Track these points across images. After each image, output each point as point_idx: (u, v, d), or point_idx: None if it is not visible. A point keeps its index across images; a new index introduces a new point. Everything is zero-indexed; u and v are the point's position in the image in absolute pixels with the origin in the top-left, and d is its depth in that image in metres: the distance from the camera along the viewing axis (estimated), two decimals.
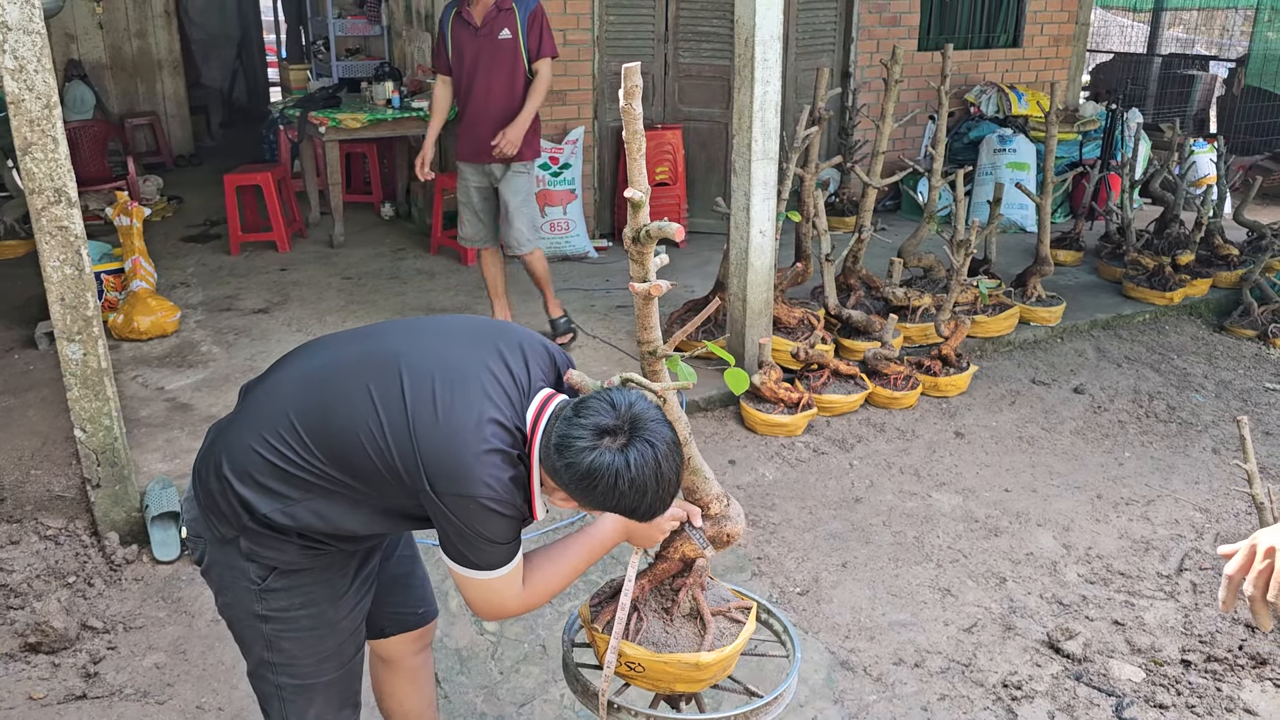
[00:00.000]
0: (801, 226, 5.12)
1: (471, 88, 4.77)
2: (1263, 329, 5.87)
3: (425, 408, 1.76)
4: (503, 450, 1.74)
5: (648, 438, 1.70)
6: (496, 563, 1.79)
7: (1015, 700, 2.99)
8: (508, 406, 1.78)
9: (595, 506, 1.75)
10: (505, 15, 4.68)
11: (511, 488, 1.74)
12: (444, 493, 1.72)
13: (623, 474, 1.67)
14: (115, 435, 3.47)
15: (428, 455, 1.73)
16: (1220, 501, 4.16)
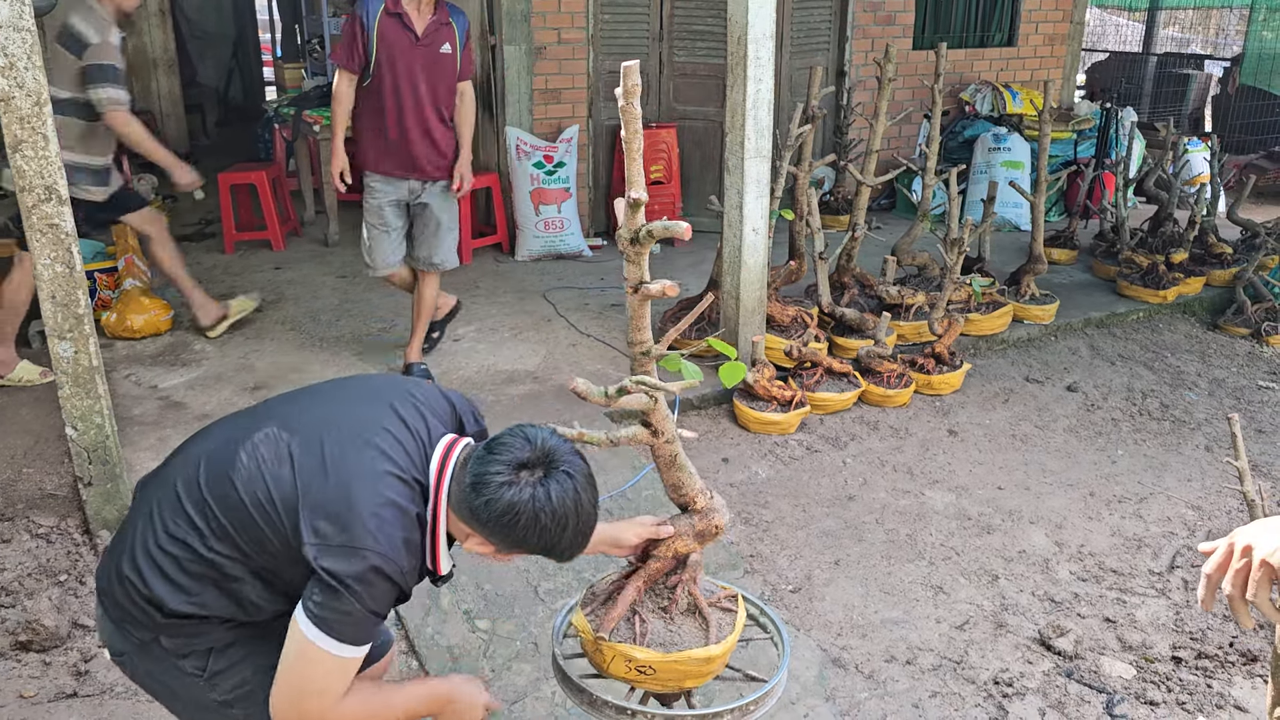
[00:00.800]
0: (795, 225, 5.13)
1: (402, 98, 4.33)
2: (1256, 327, 5.87)
3: (315, 469, 1.71)
4: (399, 505, 1.70)
5: (565, 469, 1.70)
6: (346, 637, 1.68)
7: (1006, 697, 2.99)
8: (405, 459, 1.75)
9: (514, 546, 1.72)
10: (446, 29, 4.37)
11: (402, 551, 1.69)
12: (330, 544, 1.66)
13: (543, 507, 1.66)
14: (107, 433, 3.46)
15: (315, 510, 1.68)
16: (1213, 499, 4.17)
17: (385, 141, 4.37)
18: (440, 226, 4.61)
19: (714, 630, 2.04)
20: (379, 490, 1.70)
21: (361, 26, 4.24)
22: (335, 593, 1.67)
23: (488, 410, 4.46)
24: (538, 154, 6.57)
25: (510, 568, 3.42)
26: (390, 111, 4.34)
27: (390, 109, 4.34)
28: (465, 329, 5.43)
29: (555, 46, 6.68)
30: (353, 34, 4.25)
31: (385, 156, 4.40)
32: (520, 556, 1.80)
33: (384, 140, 4.37)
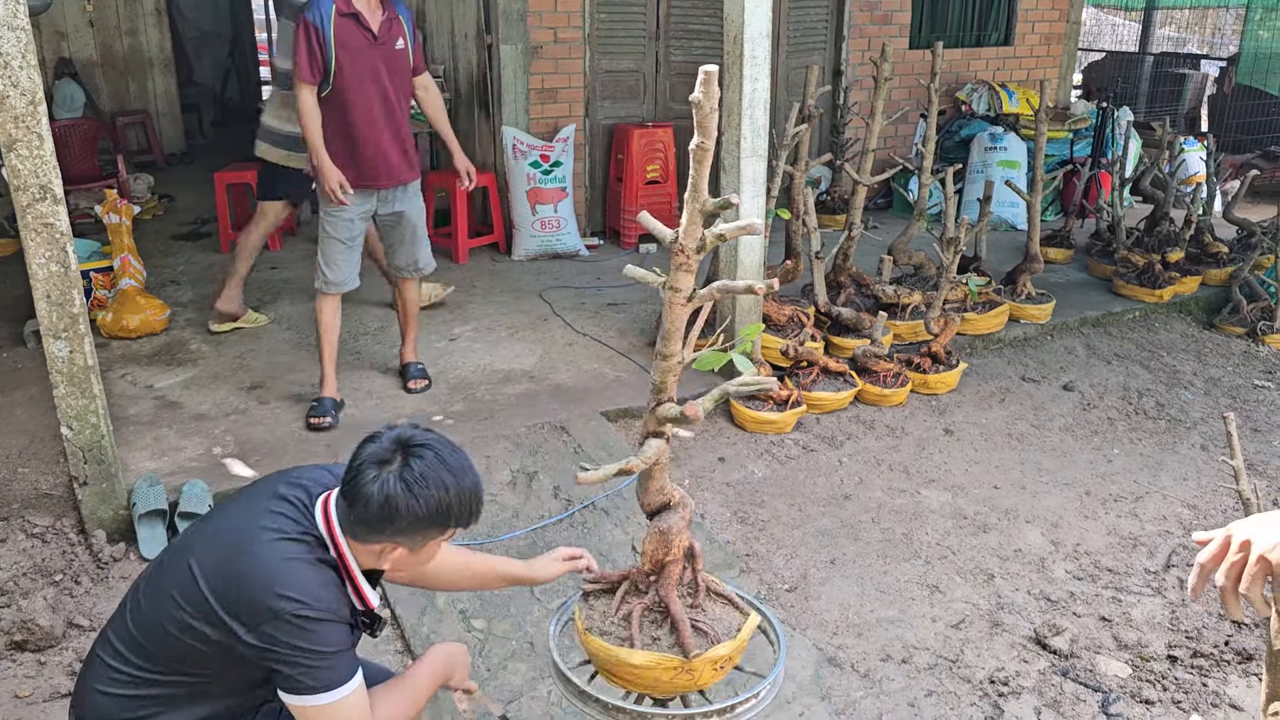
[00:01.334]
0: (791, 224, 5.13)
1: (370, 103, 4.12)
2: (1252, 326, 5.88)
3: (215, 570, 1.80)
4: (300, 558, 1.80)
5: (419, 444, 1.81)
6: (335, 680, 1.78)
7: (1002, 696, 2.99)
8: (292, 525, 1.84)
9: (414, 533, 1.81)
10: (397, 24, 4.15)
11: (321, 592, 1.78)
12: (257, 624, 1.74)
13: (414, 485, 1.77)
14: (102, 433, 3.46)
15: (232, 603, 1.76)
16: (1208, 498, 4.17)
17: (357, 152, 4.13)
18: (418, 230, 4.47)
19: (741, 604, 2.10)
20: (276, 557, 1.79)
21: (317, 32, 3.97)
22: (296, 655, 1.76)
23: (485, 410, 4.46)
24: (534, 153, 6.56)
25: None
26: (360, 119, 4.11)
27: (359, 117, 4.11)
28: (462, 328, 5.43)
29: (551, 46, 6.68)
30: (309, 41, 3.97)
31: (358, 168, 4.15)
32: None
33: (355, 151, 4.13)
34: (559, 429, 4.27)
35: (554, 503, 3.80)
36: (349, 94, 4.07)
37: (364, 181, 4.18)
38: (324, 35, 3.97)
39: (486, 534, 3.59)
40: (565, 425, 4.29)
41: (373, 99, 4.12)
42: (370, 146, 4.15)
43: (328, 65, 4.01)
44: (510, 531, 3.61)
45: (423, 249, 4.53)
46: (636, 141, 6.72)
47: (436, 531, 1.85)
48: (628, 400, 4.58)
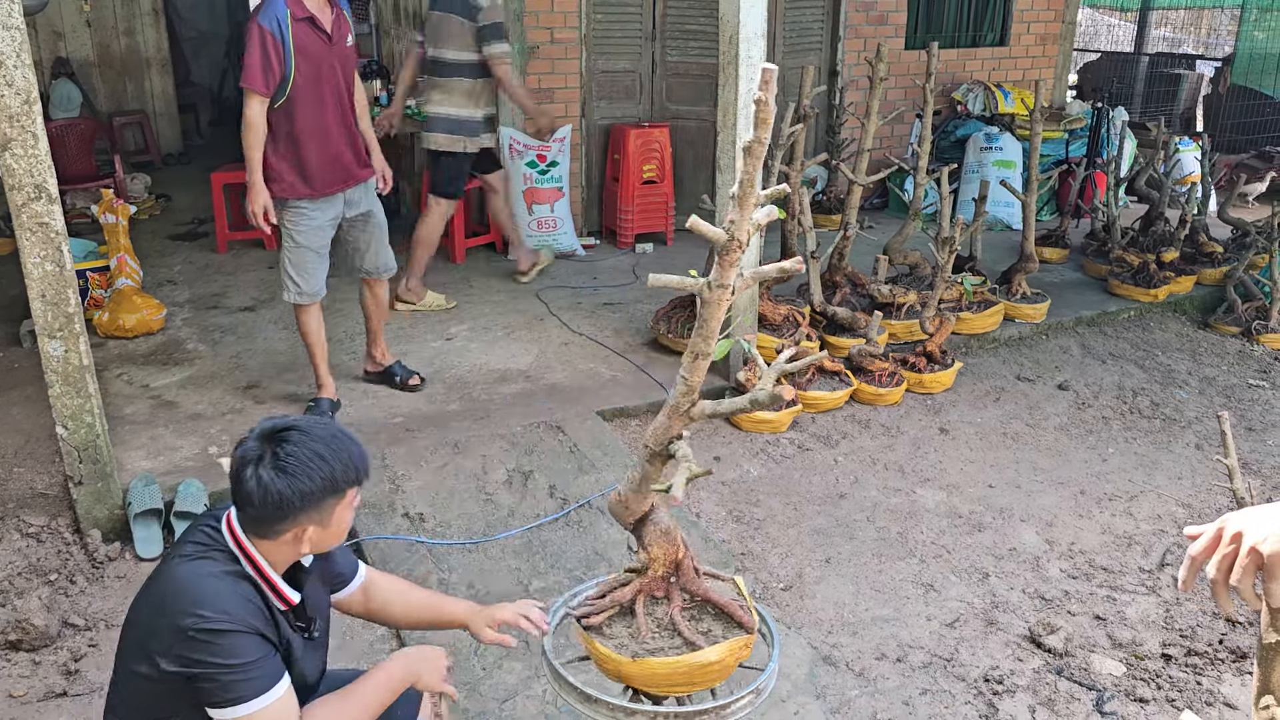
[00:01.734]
0: (787, 224, 5.13)
1: (327, 108, 3.97)
2: (1246, 325, 5.90)
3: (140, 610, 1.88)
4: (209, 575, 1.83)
5: (283, 426, 1.88)
6: (253, 691, 1.80)
7: (997, 695, 3.00)
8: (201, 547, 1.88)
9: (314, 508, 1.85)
10: (343, 20, 4.04)
11: (228, 606, 1.80)
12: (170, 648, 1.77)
13: (290, 468, 1.82)
14: (97, 432, 3.46)
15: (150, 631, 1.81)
16: (1203, 497, 4.18)
17: (320, 159, 3.99)
18: (382, 229, 4.38)
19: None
20: (185, 577, 1.83)
21: (274, 40, 3.77)
22: (212, 671, 1.77)
23: (481, 409, 4.46)
24: (531, 153, 6.57)
25: (502, 566, 3.42)
26: (318, 126, 3.96)
27: (317, 123, 3.95)
28: (458, 328, 5.43)
29: (548, 46, 6.69)
30: (264, 50, 3.76)
31: (321, 176, 4.01)
32: (508, 561, 1.85)
33: (317, 158, 3.98)
34: (555, 428, 4.27)
35: (550, 502, 3.80)
36: (306, 102, 3.92)
37: (330, 187, 4.07)
38: (283, 44, 3.79)
39: (483, 533, 3.59)
40: (561, 425, 4.30)
41: (330, 104, 4.00)
42: (332, 150, 4.03)
43: (286, 75, 3.84)
44: (506, 530, 3.62)
45: (386, 249, 4.44)
46: (633, 141, 6.72)
47: (334, 499, 1.88)
48: (623, 400, 4.58)
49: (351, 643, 3.14)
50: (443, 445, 4.10)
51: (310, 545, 1.92)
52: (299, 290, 4.18)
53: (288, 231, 4.10)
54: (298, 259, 4.13)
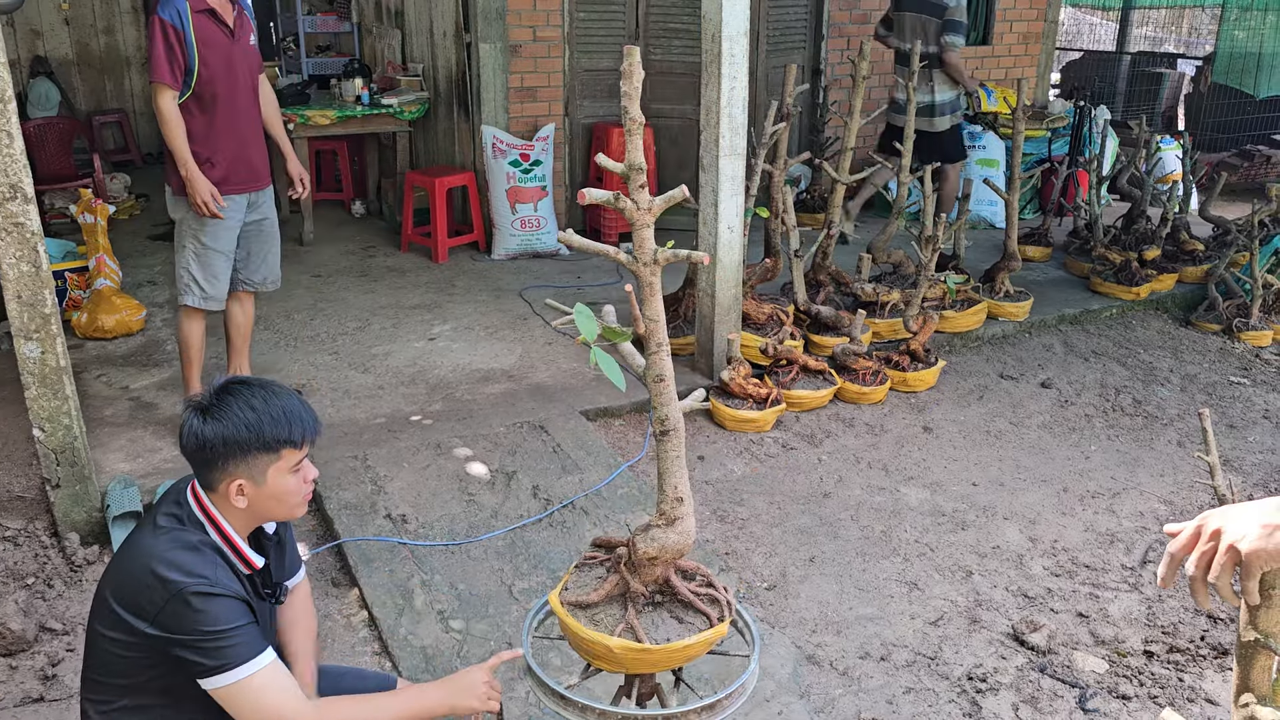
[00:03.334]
0: (770, 223, 5.13)
1: (236, 103, 3.90)
2: (1228, 323, 5.92)
3: (114, 580, 1.87)
4: (181, 545, 1.83)
5: (231, 382, 1.91)
6: (240, 656, 1.80)
7: (980, 693, 3.00)
8: (169, 518, 1.90)
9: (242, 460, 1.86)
10: (245, 18, 3.97)
11: (205, 570, 1.81)
12: (153, 614, 1.78)
13: (217, 415, 1.85)
14: (75, 434, 3.42)
15: (128, 598, 1.81)
16: (1185, 494, 4.20)
17: (231, 156, 3.92)
18: (277, 238, 4.25)
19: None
20: (159, 548, 1.83)
21: (176, 32, 3.70)
22: (196, 638, 1.78)
23: (464, 409, 4.44)
24: (514, 152, 6.55)
25: (485, 567, 3.40)
26: (226, 121, 3.89)
27: (225, 118, 3.89)
28: (441, 328, 5.41)
29: (530, 44, 6.66)
30: (167, 42, 3.70)
31: (230, 173, 3.93)
32: (490, 561, 1.83)
33: (229, 155, 3.91)
34: (538, 428, 4.26)
35: (533, 502, 3.79)
36: (214, 95, 3.84)
37: (239, 186, 3.97)
38: (184, 34, 3.73)
39: (465, 534, 3.57)
40: (544, 424, 4.28)
41: (238, 99, 3.92)
42: (240, 148, 3.95)
43: (190, 66, 3.75)
44: (489, 531, 3.60)
45: (277, 261, 4.29)
46: (616, 140, 6.71)
47: (264, 454, 1.88)
48: (607, 399, 4.57)
49: (333, 645, 3.12)
50: (425, 446, 4.08)
51: (248, 503, 1.91)
52: (204, 294, 4.02)
53: (193, 232, 3.94)
54: (206, 261, 3.98)
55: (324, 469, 3.88)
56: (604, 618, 2.03)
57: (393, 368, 4.87)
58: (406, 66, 7.41)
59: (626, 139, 1.87)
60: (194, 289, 4.02)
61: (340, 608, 3.30)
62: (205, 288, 4.02)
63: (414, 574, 3.35)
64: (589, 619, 2.02)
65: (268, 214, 4.16)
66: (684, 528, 2.00)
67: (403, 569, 3.38)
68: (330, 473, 3.85)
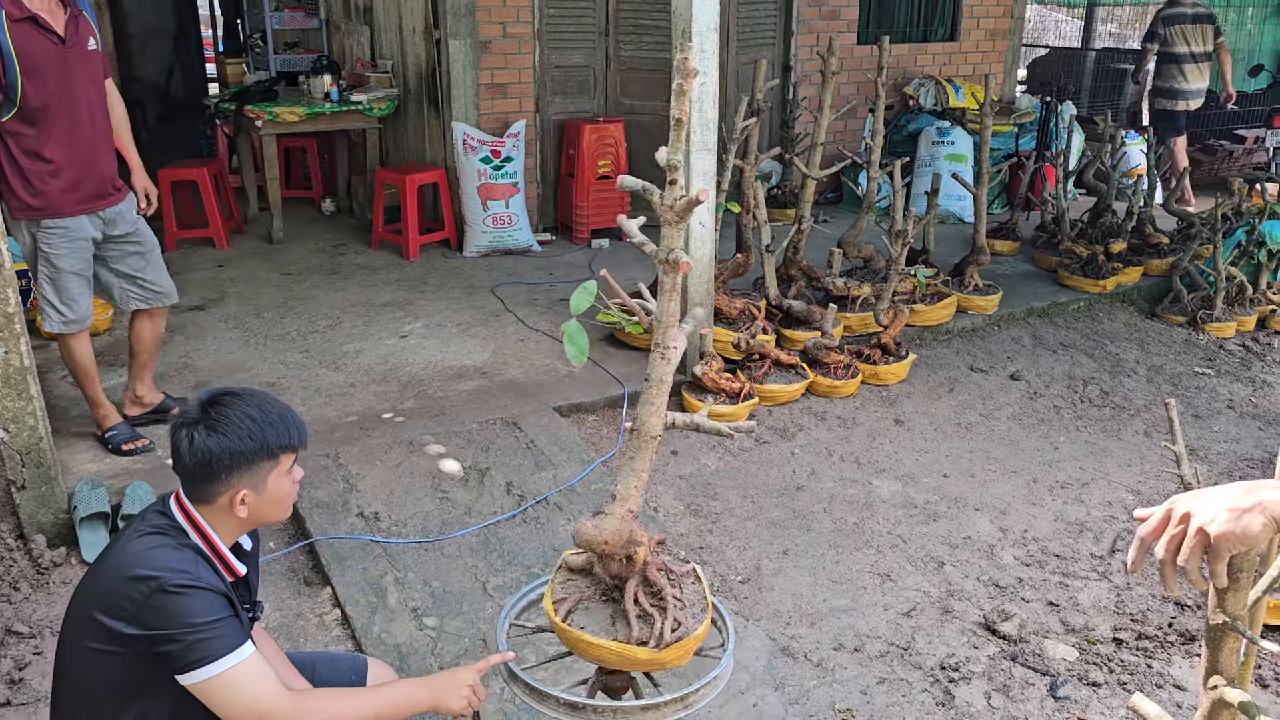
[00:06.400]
0: (742, 218, 5.14)
1: (75, 115, 3.61)
2: (1192, 315, 6.00)
3: (93, 590, 1.84)
4: (161, 546, 1.82)
5: (221, 392, 1.90)
6: (220, 649, 1.78)
7: (953, 682, 3.03)
8: (151, 525, 1.88)
9: (246, 470, 1.86)
10: (83, 23, 3.64)
11: (183, 565, 1.80)
12: (134, 612, 1.75)
13: (220, 427, 1.84)
14: (40, 435, 3.38)
15: (110, 604, 1.78)
16: (1151, 483, 4.26)
17: (73, 174, 3.64)
18: (155, 248, 4.01)
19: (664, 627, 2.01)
20: (139, 550, 1.82)
21: None
22: (176, 632, 1.75)
23: (436, 406, 4.42)
24: (485, 149, 6.52)
25: (459, 564, 3.39)
26: (62, 136, 3.59)
27: (61, 134, 3.59)
28: (412, 325, 5.38)
29: (501, 40, 6.64)
30: None
31: (75, 191, 3.65)
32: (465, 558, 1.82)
33: (71, 173, 3.63)
34: (511, 424, 4.25)
35: (506, 499, 3.78)
36: (48, 110, 3.54)
37: (86, 204, 3.70)
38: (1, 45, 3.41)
39: (439, 531, 3.56)
40: (518, 421, 4.27)
41: (76, 111, 3.62)
42: (84, 164, 3.67)
43: (10, 81, 3.44)
44: (463, 528, 3.59)
45: (163, 274, 4.04)
46: (588, 136, 6.70)
47: (267, 461, 1.88)
48: (580, 395, 4.56)
49: (306, 645, 3.10)
50: (397, 443, 4.06)
51: (249, 511, 1.90)
52: (64, 319, 3.79)
53: (45, 256, 3.71)
54: (62, 284, 3.75)
55: None
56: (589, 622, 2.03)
57: (364, 365, 4.84)
58: (376, 63, 7.36)
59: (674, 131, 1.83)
60: (51, 314, 3.79)
61: (312, 607, 3.28)
62: (64, 311, 3.79)
63: (387, 572, 3.34)
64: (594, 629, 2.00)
65: (133, 227, 3.89)
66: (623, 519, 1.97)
67: (375, 567, 3.36)
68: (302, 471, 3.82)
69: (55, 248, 3.70)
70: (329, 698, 1.98)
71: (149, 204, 4.08)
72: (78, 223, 3.71)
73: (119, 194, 3.86)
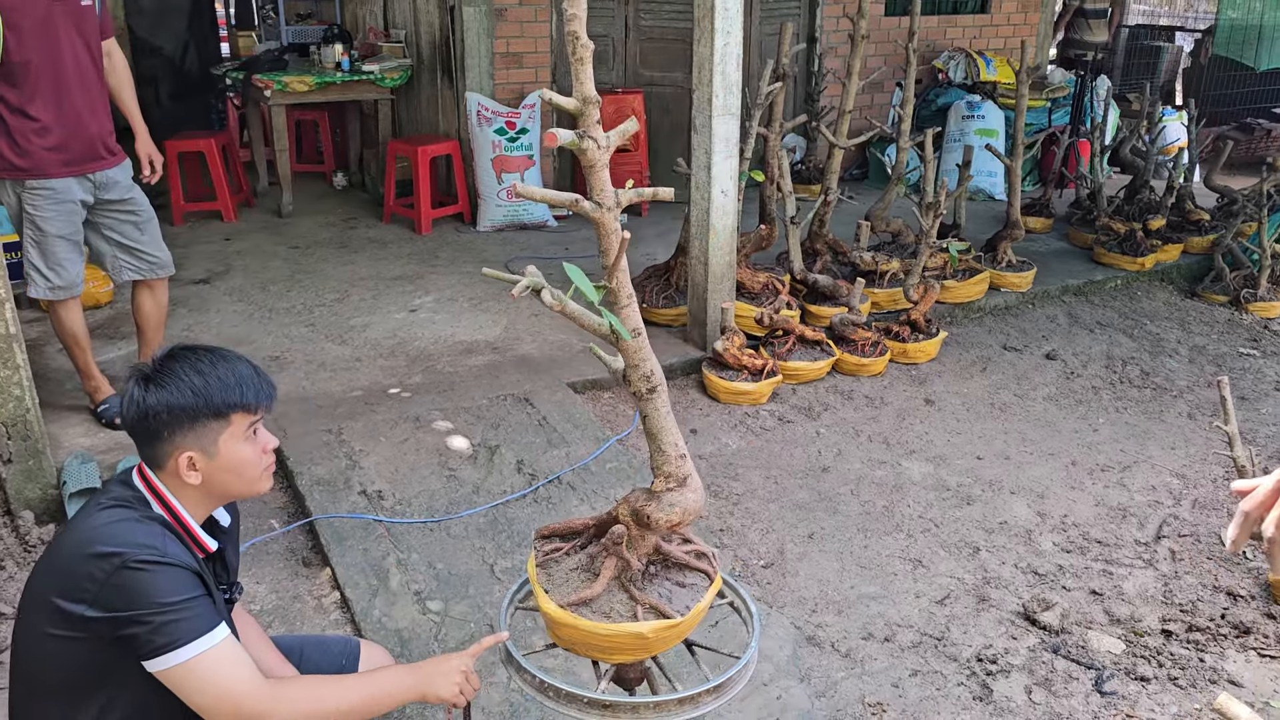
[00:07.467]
0: (765, 188, 4.93)
1: (62, 70, 3.43)
2: (1235, 294, 5.75)
3: (49, 572, 1.70)
4: (123, 520, 1.67)
5: (176, 349, 1.74)
6: (190, 632, 1.62)
7: (990, 675, 2.83)
8: (112, 498, 1.73)
9: (190, 429, 1.69)
10: None
11: (148, 540, 1.64)
12: (95, 594, 1.60)
13: (161, 383, 1.69)
14: (28, 406, 3.22)
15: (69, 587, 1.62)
16: (1197, 467, 4.03)
17: (62, 133, 3.46)
18: (152, 220, 3.81)
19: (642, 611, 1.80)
20: (98, 525, 1.66)
21: None
22: (141, 613, 1.60)
23: (445, 381, 4.24)
24: (500, 120, 6.32)
25: (465, 546, 3.21)
26: (49, 94, 3.42)
27: (48, 91, 3.42)
28: (422, 299, 5.20)
29: (516, 9, 6.43)
30: None
31: (61, 152, 3.48)
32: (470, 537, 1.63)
33: (59, 132, 3.46)
34: (523, 400, 4.06)
35: (517, 478, 3.59)
36: (31, 66, 3.37)
37: (76, 165, 3.52)
38: None
39: (445, 511, 3.38)
40: (529, 397, 4.09)
41: (63, 67, 3.44)
42: (72, 123, 3.48)
43: None
44: (471, 508, 3.41)
45: (159, 243, 3.84)
46: (606, 108, 6.45)
47: (214, 420, 1.71)
48: (596, 371, 4.37)
49: (303, 628, 2.93)
50: (403, 419, 3.88)
51: (202, 479, 1.73)
52: (50, 284, 3.60)
53: (30, 218, 3.53)
54: (49, 249, 3.56)
55: (296, 443, 3.68)
56: (601, 606, 1.83)
57: (371, 340, 4.67)
58: (389, 32, 7.17)
59: (577, 67, 1.64)
60: (37, 279, 3.60)
61: (311, 589, 3.11)
62: (52, 278, 3.60)
63: (390, 553, 3.16)
64: (595, 614, 1.80)
65: (129, 194, 3.70)
66: (696, 484, 1.81)
67: (378, 548, 3.18)
68: (302, 447, 3.65)
69: (41, 210, 3.52)
70: (309, 686, 1.80)
71: (153, 171, 3.91)
72: (64, 185, 3.52)
73: (113, 158, 3.67)
